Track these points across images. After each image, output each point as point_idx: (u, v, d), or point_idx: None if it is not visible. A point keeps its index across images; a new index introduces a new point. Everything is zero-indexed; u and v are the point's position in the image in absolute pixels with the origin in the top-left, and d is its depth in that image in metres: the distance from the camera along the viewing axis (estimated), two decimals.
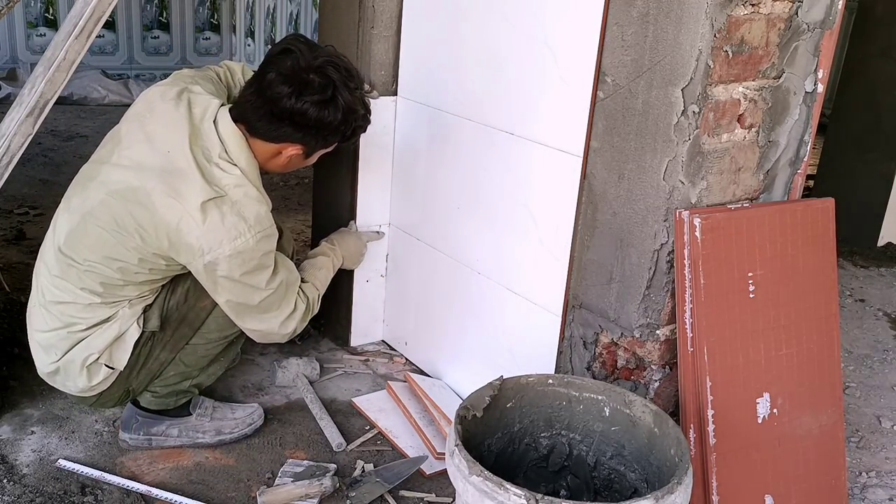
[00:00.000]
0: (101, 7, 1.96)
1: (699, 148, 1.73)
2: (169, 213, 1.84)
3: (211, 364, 2.17)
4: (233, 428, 2.20)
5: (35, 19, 6.15)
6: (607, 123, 1.86)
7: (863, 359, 3.02)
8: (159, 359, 2.08)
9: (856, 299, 3.54)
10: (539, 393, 1.77)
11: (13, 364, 2.46)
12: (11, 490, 1.95)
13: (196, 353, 2.11)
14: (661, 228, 1.78)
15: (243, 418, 2.22)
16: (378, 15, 2.41)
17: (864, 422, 2.61)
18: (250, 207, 1.88)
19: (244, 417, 2.22)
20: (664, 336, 1.85)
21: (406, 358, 2.69)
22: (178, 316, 2.04)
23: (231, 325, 2.07)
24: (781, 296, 1.84)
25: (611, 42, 1.82)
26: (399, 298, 2.68)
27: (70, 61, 1.97)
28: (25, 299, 2.17)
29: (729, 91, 1.73)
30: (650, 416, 1.69)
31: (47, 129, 4.79)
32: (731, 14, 1.66)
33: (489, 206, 2.25)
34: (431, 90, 2.38)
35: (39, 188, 4.04)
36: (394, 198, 2.60)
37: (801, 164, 1.94)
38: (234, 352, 2.23)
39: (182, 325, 2.06)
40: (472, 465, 1.46)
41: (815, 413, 1.91)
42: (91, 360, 1.99)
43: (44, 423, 2.22)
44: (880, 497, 2.25)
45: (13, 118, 2.00)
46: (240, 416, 2.22)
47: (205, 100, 1.94)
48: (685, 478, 1.48)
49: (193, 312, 2.05)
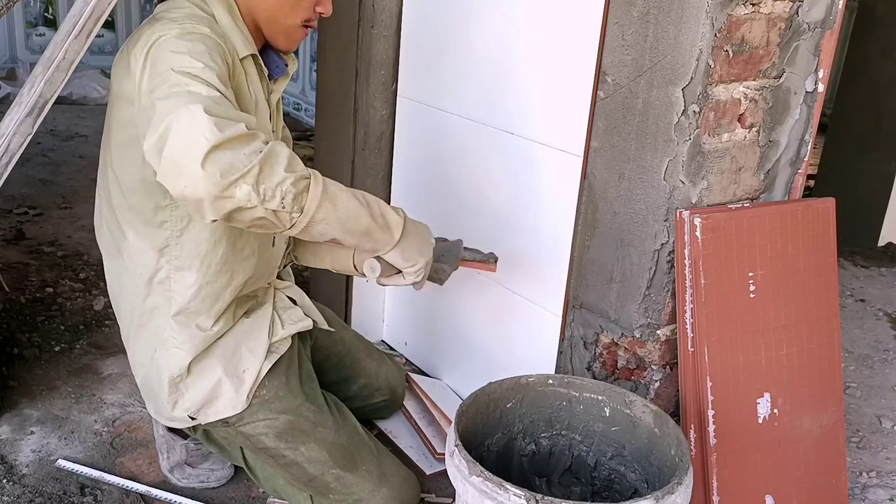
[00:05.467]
0: (101, 6, 1.96)
1: (700, 148, 1.73)
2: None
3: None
4: (182, 476, 2.00)
5: (34, 19, 6.15)
6: (607, 123, 1.86)
7: (863, 359, 3.02)
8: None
9: (856, 299, 3.54)
10: (539, 393, 1.77)
11: (13, 364, 2.46)
12: (11, 490, 1.95)
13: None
14: (662, 228, 1.78)
15: (200, 474, 2.00)
16: (378, 15, 2.41)
17: (864, 422, 2.60)
18: (180, 12, 1.54)
19: (203, 473, 2.00)
20: (664, 336, 1.85)
21: (406, 358, 2.69)
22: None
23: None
24: (782, 296, 1.83)
25: (611, 41, 1.82)
26: (399, 298, 2.67)
27: (69, 61, 1.97)
28: (25, 299, 2.17)
29: (729, 91, 1.73)
30: (650, 416, 1.69)
31: (47, 128, 4.79)
32: (731, 13, 1.65)
33: (489, 206, 2.24)
34: (431, 90, 2.38)
35: (39, 188, 4.04)
36: (394, 198, 2.60)
37: (801, 164, 1.94)
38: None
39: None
40: (471, 466, 1.46)
41: (816, 413, 1.91)
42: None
43: (43, 423, 2.22)
44: (881, 497, 2.25)
45: (12, 118, 2.00)
46: (199, 470, 2.00)
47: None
48: (685, 478, 1.48)
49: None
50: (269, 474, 1.92)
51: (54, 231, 3.51)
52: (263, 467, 1.91)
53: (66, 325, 2.71)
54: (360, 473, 1.83)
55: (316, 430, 1.81)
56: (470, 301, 2.37)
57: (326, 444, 1.81)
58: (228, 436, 1.84)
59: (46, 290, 2.94)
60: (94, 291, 2.95)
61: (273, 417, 1.77)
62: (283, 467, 1.82)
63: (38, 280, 3.02)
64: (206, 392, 1.73)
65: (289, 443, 1.78)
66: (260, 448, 1.81)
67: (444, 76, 2.33)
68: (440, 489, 2.09)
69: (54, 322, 2.73)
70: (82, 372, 2.47)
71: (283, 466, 1.82)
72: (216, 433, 1.87)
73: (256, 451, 1.84)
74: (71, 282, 3.01)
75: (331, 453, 1.81)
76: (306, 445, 1.79)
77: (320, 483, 1.82)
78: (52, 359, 2.53)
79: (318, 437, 1.81)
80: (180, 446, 1.99)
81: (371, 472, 1.84)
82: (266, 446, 1.79)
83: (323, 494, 1.84)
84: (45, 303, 2.85)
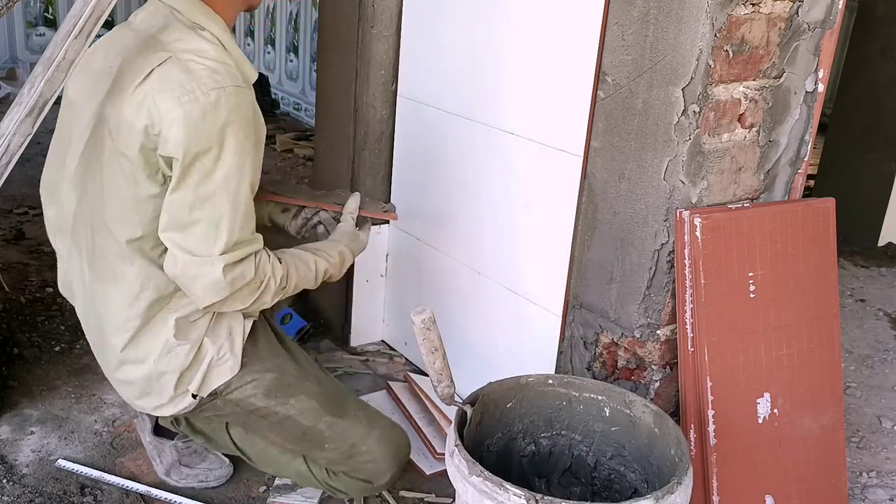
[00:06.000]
0: (101, 6, 1.96)
1: (700, 147, 1.73)
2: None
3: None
4: (180, 478, 2.01)
5: (34, 19, 6.15)
6: (607, 123, 1.86)
7: (863, 359, 3.01)
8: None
9: (856, 299, 3.54)
10: (539, 393, 1.77)
11: (13, 364, 2.46)
12: (11, 490, 1.95)
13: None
14: (662, 228, 1.78)
15: (198, 473, 2.02)
16: (378, 14, 2.41)
17: (864, 422, 2.60)
18: (202, 63, 1.56)
19: (201, 472, 2.02)
20: (664, 336, 1.85)
21: (406, 358, 2.69)
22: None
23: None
24: (782, 296, 1.83)
25: (611, 41, 1.82)
26: (399, 298, 2.67)
27: (69, 61, 1.96)
28: (25, 299, 2.17)
29: (729, 91, 1.73)
30: (650, 416, 1.69)
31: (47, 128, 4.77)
32: (731, 13, 1.65)
33: (489, 206, 2.24)
34: (431, 89, 2.38)
35: (39, 188, 4.04)
36: (394, 197, 2.60)
37: (801, 164, 1.94)
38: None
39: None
40: (471, 466, 1.46)
41: (816, 413, 1.91)
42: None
43: (43, 423, 2.22)
44: (881, 497, 2.25)
45: (12, 118, 2.00)
46: (197, 470, 2.02)
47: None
48: (685, 478, 1.48)
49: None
50: (260, 448, 1.94)
51: None
52: (253, 442, 1.93)
53: (66, 325, 2.71)
54: (351, 419, 1.87)
55: (301, 383, 1.84)
56: (470, 301, 2.37)
57: (314, 394, 1.85)
58: (215, 411, 1.84)
59: (46, 290, 2.94)
60: None
61: (259, 377, 1.79)
62: (276, 426, 1.84)
63: (38, 280, 3.02)
64: (204, 367, 1.75)
65: (278, 398, 1.81)
66: (251, 411, 1.81)
67: (444, 76, 2.33)
68: (440, 489, 2.09)
69: (54, 322, 2.73)
70: (82, 372, 2.47)
71: (275, 425, 1.83)
72: (200, 418, 1.89)
73: (247, 417, 1.84)
74: None
75: (320, 402, 1.84)
76: (296, 398, 1.82)
77: (314, 434, 1.84)
78: (52, 359, 2.53)
79: (306, 389, 1.84)
80: (169, 448, 2.01)
81: (360, 417, 1.89)
82: (257, 407, 1.80)
83: (318, 446, 1.86)
84: (45, 303, 2.85)
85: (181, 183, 1.55)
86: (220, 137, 1.53)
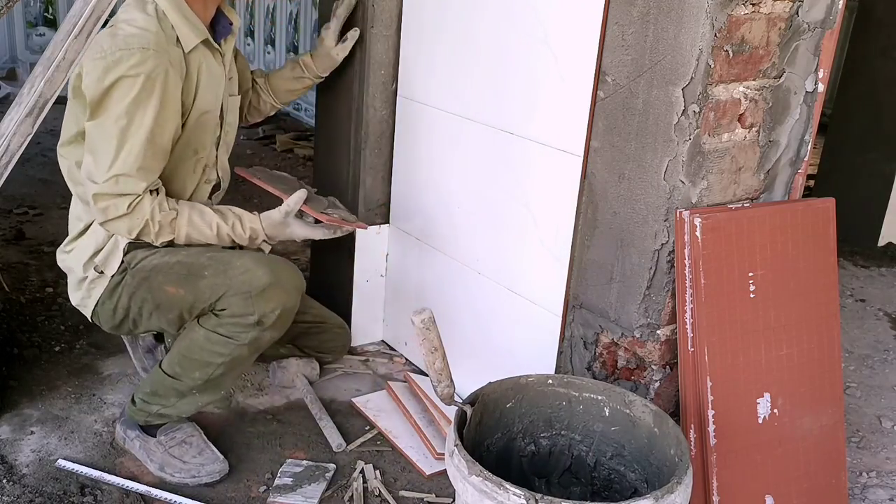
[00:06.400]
0: (101, 6, 1.96)
1: (700, 148, 1.73)
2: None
3: (185, 396, 2.08)
4: (174, 472, 2.04)
5: (34, 19, 6.15)
6: (608, 123, 1.86)
7: (863, 359, 3.02)
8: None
9: (856, 299, 3.54)
10: (539, 393, 1.77)
11: (13, 364, 2.46)
12: (11, 490, 1.95)
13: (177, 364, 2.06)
14: (662, 228, 1.78)
15: (191, 468, 2.04)
16: (378, 14, 2.41)
17: (864, 422, 2.60)
18: (125, 29, 1.91)
19: (193, 468, 2.05)
20: (664, 336, 1.85)
21: (406, 358, 2.69)
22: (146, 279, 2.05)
23: (215, 353, 2.02)
24: (782, 296, 1.83)
25: (611, 41, 1.82)
26: (399, 298, 2.67)
27: (69, 61, 1.97)
28: (25, 299, 2.17)
29: (729, 91, 1.73)
30: (650, 416, 1.69)
31: (46, 128, 4.76)
32: (731, 13, 1.65)
33: (489, 206, 2.24)
34: (431, 90, 2.38)
35: (39, 188, 4.04)
36: (394, 197, 2.60)
37: (801, 164, 1.94)
38: (213, 393, 2.10)
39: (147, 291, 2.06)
40: (471, 466, 1.46)
41: (816, 413, 1.91)
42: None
43: (43, 423, 2.22)
44: (881, 497, 2.25)
45: (12, 118, 2.00)
46: (189, 465, 2.05)
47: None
48: (685, 477, 1.48)
49: (159, 291, 2.04)
50: (177, 360, 2.07)
51: (54, 231, 3.51)
52: (173, 363, 2.07)
53: (66, 325, 2.72)
54: (230, 253, 2.07)
55: (189, 247, 2.07)
56: (470, 301, 2.37)
57: (201, 248, 2.07)
58: (130, 288, 2.05)
59: (46, 290, 2.94)
60: None
61: (161, 249, 2.05)
62: (169, 271, 2.02)
63: (38, 280, 3.02)
64: (108, 247, 2.07)
65: (172, 255, 2.04)
66: (149, 270, 2.03)
67: (444, 76, 2.33)
68: (440, 489, 2.09)
69: (54, 322, 2.73)
70: (82, 372, 2.48)
71: (169, 271, 2.02)
72: (123, 329, 2.15)
73: (148, 273, 2.03)
74: None
75: (204, 248, 2.07)
76: (186, 251, 2.05)
77: (198, 265, 2.01)
78: (52, 359, 2.53)
79: (194, 248, 2.07)
80: (154, 444, 2.09)
81: (241, 253, 2.09)
82: (154, 265, 2.03)
83: (199, 276, 2.00)
84: (45, 303, 2.85)
85: (90, 118, 1.92)
86: (115, 88, 1.88)
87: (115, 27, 1.93)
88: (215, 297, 1.98)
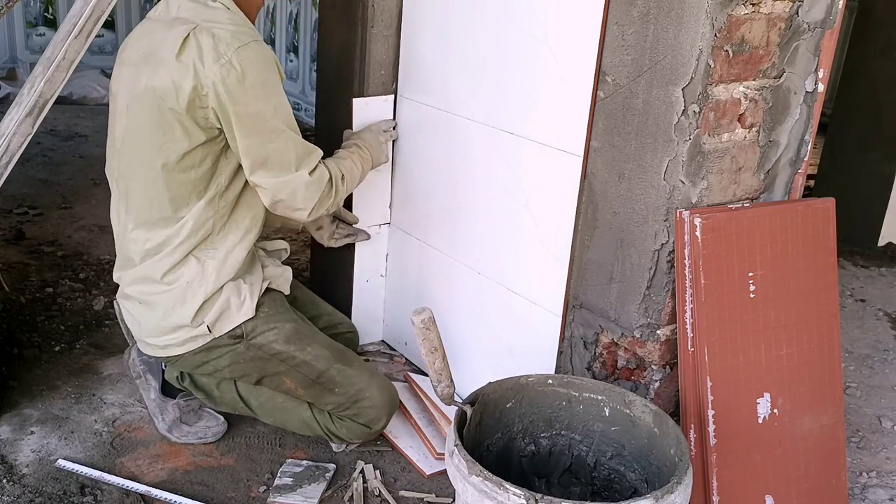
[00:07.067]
0: (101, 6, 1.96)
1: (700, 148, 1.73)
2: (163, 77, 1.84)
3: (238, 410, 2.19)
4: (179, 436, 2.18)
5: (34, 19, 6.15)
6: (607, 123, 1.86)
7: (863, 359, 3.01)
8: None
9: (856, 299, 3.54)
10: (539, 393, 1.77)
11: (13, 364, 2.46)
12: (11, 490, 1.95)
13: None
14: (662, 228, 1.78)
15: (198, 431, 2.20)
16: (378, 14, 2.41)
17: (864, 422, 2.60)
18: (223, 27, 1.85)
19: (200, 430, 2.20)
20: (664, 336, 1.85)
21: (406, 358, 2.69)
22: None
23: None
24: (782, 296, 1.83)
25: (611, 41, 1.82)
26: (399, 298, 2.67)
27: (69, 61, 1.97)
28: (25, 299, 2.18)
29: (729, 91, 1.73)
30: (650, 416, 1.69)
31: (46, 128, 4.78)
32: (731, 13, 1.65)
33: (489, 206, 2.24)
34: (431, 90, 2.38)
35: (39, 188, 4.04)
36: (394, 197, 2.60)
37: (801, 164, 1.94)
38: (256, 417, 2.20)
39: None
40: (471, 466, 1.46)
41: (816, 413, 1.91)
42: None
43: (43, 423, 2.22)
44: (881, 497, 2.25)
45: (12, 118, 2.00)
46: (196, 427, 2.20)
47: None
48: (685, 477, 1.48)
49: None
50: (266, 398, 2.14)
51: (54, 231, 3.51)
52: (259, 393, 2.13)
53: (66, 325, 2.72)
54: (356, 367, 2.12)
55: (314, 335, 2.11)
56: (470, 301, 2.37)
57: (326, 345, 2.10)
58: (236, 357, 2.02)
59: (46, 290, 2.94)
60: (93, 291, 2.95)
61: (280, 325, 2.04)
62: (294, 370, 2.05)
63: (38, 280, 3.02)
64: (220, 306, 1.98)
65: (297, 345, 2.04)
66: (272, 355, 2.03)
67: (443, 76, 2.33)
68: (440, 489, 2.09)
69: (54, 322, 2.73)
70: (82, 372, 2.48)
71: (293, 369, 2.05)
72: (202, 373, 2.10)
73: (267, 361, 2.03)
74: (71, 282, 3.02)
75: (331, 352, 2.09)
76: (311, 346, 2.06)
77: (327, 378, 2.06)
78: (52, 359, 2.53)
79: (319, 340, 2.10)
80: (172, 406, 2.19)
81: (363, 367, 2.16)
82: (277, 351, 2.03)
83: (329, 390, 2.07)
84: (45, 303, 2.85)
85: (245, 131, 1.86)
86: (257, 86, 1.85)
87: (208, 30, 1.83)
88: (337, 413, 2.10)
